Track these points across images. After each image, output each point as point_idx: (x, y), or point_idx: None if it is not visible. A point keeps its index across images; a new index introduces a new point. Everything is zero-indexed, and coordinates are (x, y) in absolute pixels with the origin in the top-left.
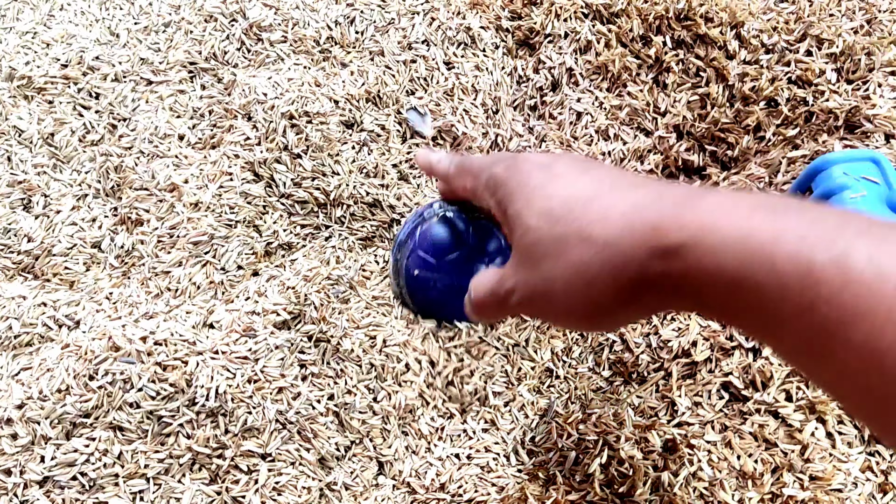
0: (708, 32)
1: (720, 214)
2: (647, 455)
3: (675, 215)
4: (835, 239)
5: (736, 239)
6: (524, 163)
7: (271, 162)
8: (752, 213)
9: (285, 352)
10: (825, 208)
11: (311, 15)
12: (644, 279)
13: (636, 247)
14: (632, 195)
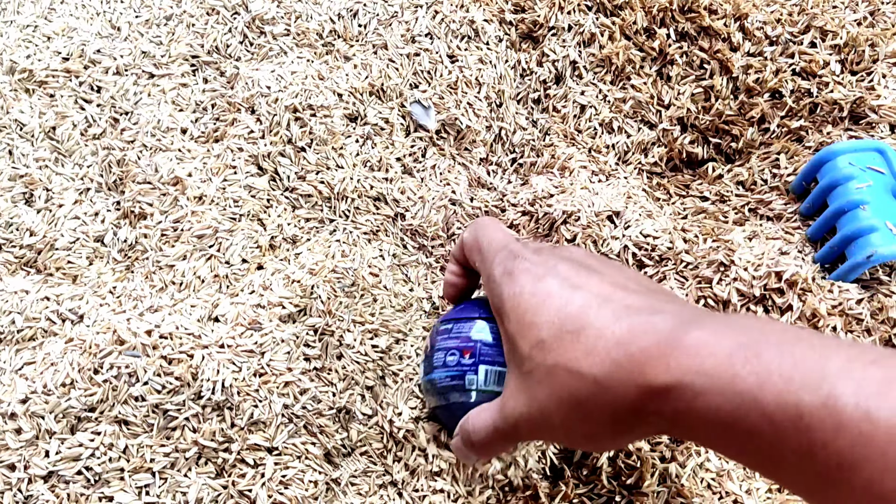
0: (712, 24)
1: (705, 355)
2: (655, 447)
3: (662, 355)
4: (819, 380)
5: (723, 384)
6: (521, 274)
7: (275, 155)
8: (734, 353)
9: (291, 345)
10: (805, 335)
11: (314, 8)
12: (637, 415)
13: (626, 386)
14: (619, 326)
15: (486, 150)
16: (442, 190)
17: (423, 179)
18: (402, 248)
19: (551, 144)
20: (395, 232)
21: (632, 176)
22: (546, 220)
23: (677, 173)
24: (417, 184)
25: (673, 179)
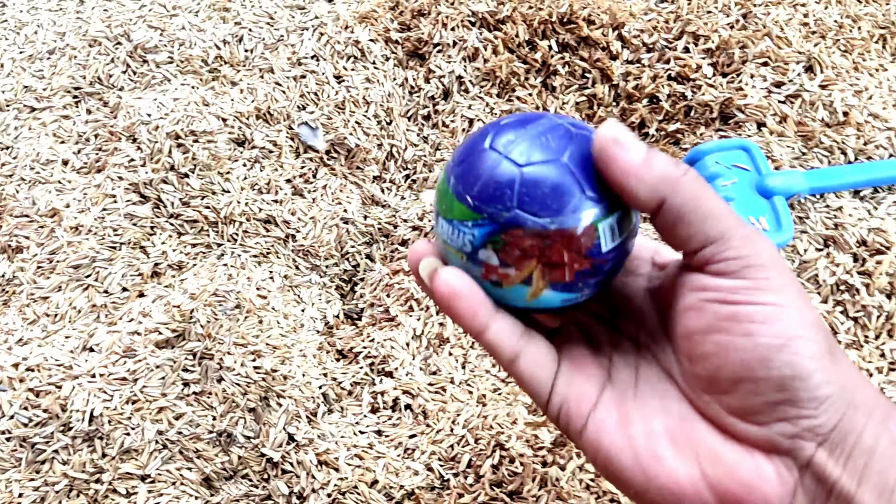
0: (591, 35)
1: None
2: (537, 452)
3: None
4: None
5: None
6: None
7: (157, 182)
8: None
9: (167, 371)
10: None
11: (199, 35)
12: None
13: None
14: None
15: (378, 168)
16: (333, 209)
17: (314, 200)
18: (295, 269)
19: (442, 159)
20: (286, 253)
21: None
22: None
23: None
24: (308, 204)
25: None
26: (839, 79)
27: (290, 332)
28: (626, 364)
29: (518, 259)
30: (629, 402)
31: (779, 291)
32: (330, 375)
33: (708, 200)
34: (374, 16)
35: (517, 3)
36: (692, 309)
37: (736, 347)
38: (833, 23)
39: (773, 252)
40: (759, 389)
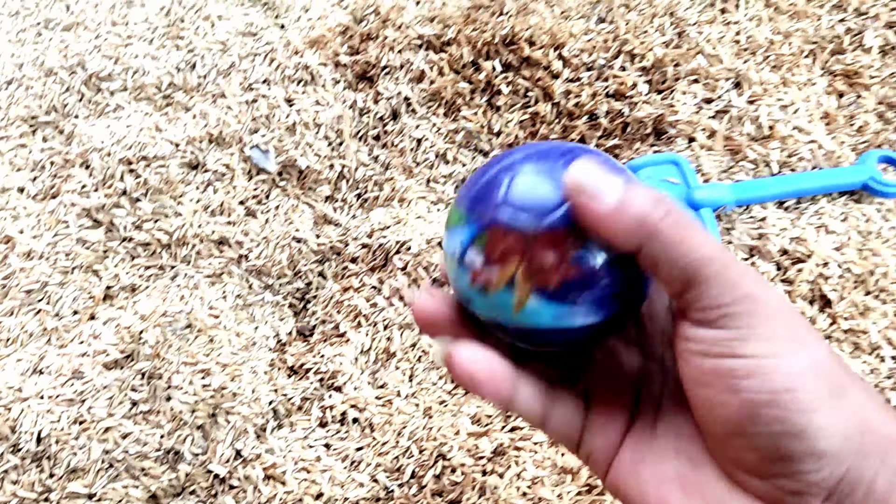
0: (532, 55)
1: None
2: (478, 461)
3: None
4: None
5: None
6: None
7: (110, 207)
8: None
9: (114, 391)
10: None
11: (152, 63)
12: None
13: None
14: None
15: (330, 188)
16: (286, 229)
17: (266, 220)
18: (248, 289)
19: (391, 178)
20: (239, 273)
21: None
22: (381, 251)
23: None
24: (261, 225)
25: None
26: (766, 94)
27: (241, 349)
28: (651, 397)
29: (501, 256)
30: (647, 443)
31: (763, 340)
32: (280, 391)
33: (688, 244)
34: (324, 40)
35: (461, 26)
36: (681, 357)
37: (721, 403)
38: (764, 39)
39: (759, 295)
40: (753, 445)
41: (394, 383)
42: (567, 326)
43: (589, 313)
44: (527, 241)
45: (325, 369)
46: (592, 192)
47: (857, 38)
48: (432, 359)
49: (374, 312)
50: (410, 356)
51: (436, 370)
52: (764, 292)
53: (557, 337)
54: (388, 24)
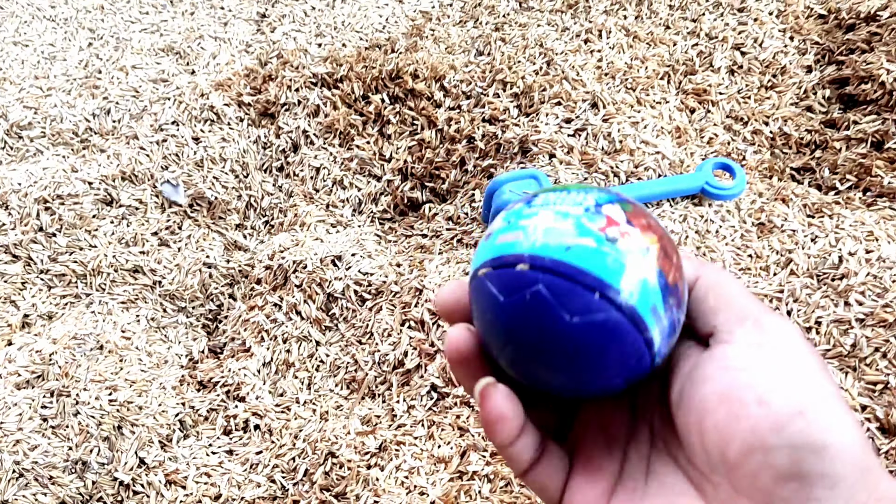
0: (416, 87)
1: None
2: (363, 456)
3: None
4: None
5: None
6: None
7: (27, 243)
8: None
9: (24, 408)
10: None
11: (69, 111)
12: None
13: None
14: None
15: (240, 217)
16: (197, 256)
17: (179, 249)
18: (162, 312)
19: (295, 205)
20: (153, 298)
21: (365, 224)
22: (280, 271)
23: (404, 217)
24: (174, 253)
25: (402, 223)
26: (619, 113)
27: (152, 367)
28: (640, 457)
29: (643, 227)
30: (637, 500)
31: (797, 363)
32: (188, 404)
33: (733, 283)
34: (229, 83)
35: (352, 64)
36: (709, 379)
37: (748, 415)
38: (623, 64)
39: (793, 329)
40: (770, 461)
41: (292, 391)
42: (647, 357)
43: (664, 335)
44: (664, 230)
45: (231, 382)
46: None
47: (708, 60)
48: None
49: (273, 327)
50: (308, 366)
51: (333, 378)
52: (793, 329)
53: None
54: (287, 66)
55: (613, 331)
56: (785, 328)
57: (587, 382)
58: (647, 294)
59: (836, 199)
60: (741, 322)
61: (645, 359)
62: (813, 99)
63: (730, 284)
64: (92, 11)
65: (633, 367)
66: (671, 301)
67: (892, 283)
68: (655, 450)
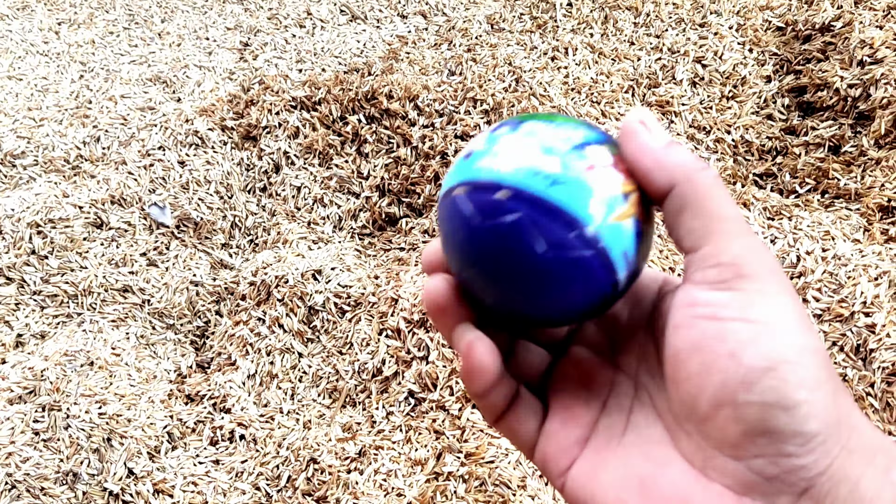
0: (390, 107)
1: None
2: (343, 461)
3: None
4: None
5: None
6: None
7: (20, 265)
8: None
9: (16, 422)
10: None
11: (61, 140)
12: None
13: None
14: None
15: (225, 237)
16: (184, 275)
17: (167, 269)
18: (151, 329)
19: (277, 223)
20: (142, 316)
21: (346, 240)
22: (263, 287)
23: (383, 231)
24: (161, 273)
25: (381, 237)
26: None
27: (141, 382)
28: (620, 408)
29: (626, 173)
30: (611, 450)
31: (774, 308)
32: (176, 417)
33: (718, 200)
34: (213, 109)
35: (330, 87)
36: (681, 327)
37: (719, 368)
38: (589, 79)
39: (775, 265)
40: (739, 416)
41: (276, 402)
42: (608, 291)
43: (630, 278)
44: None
45: (217, 394)
46: (652, 128)
47: (670, 73)
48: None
49: (258, 341)
50: (291, 377)
51: (315, 388)
52: (775, 265)
53: (596, 300)
54: (268, 91)
55: (583, 269)
56: (765, 270)
57: (543, 309)
58: (620, 239)
59: (796, 202)
60: (717, 256)
61: (608, 298)
62: (773, 107)
63: (710, 197)
64: (83, 46)
65: (594, 303)
66: (643, 249)
67: (847, 279)
68: (639, 402)
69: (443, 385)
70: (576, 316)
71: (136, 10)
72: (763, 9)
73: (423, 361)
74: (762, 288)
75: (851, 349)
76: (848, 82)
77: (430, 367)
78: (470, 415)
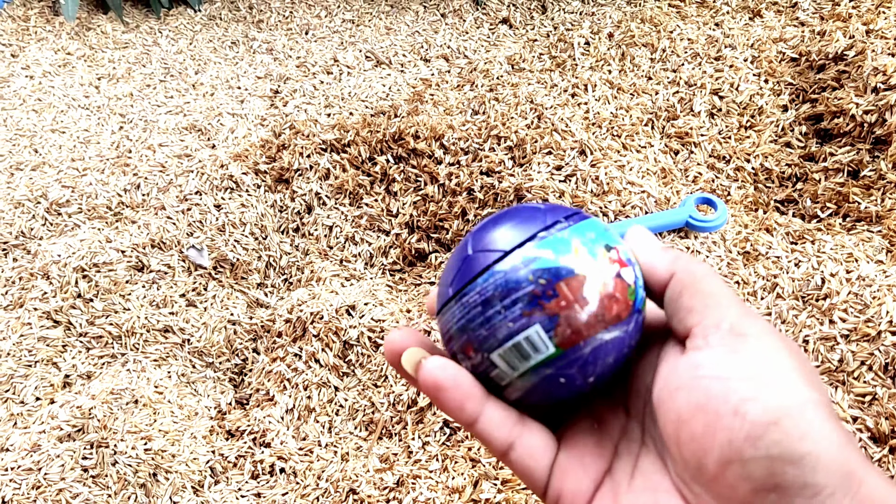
0: (417, 147)
1: None
2: (382, 491)
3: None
4: None
5: None
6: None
7: (67, 308)
8: None
9: (66, 459)
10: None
11: (103, 188)
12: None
13: None
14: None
15: (260, 276)
16: (222, 314)
17: (205, 309)
18: (192, 368)
19: (310, 262)
20: (183, 355)
21: (377, 276)
22: (299, 323)
23: (413, 267)
24: (200, 313)
25: (411, 273)
26: (606, 158)
27: (183, 419)
28: (629, 452)
29: None
30: (623, 496)
31: (773, 364)
32: (218, 452)
33: (710, 279)
34: (246, 154)
35: (358, 129)
36: (683, 389)
37: (723, 427)
38: (609, 114)
39: (769, 327)
40: (747, 473)
41: (314, 435)
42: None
43: None
44: None
45: (257, 429)
46: (652, 237)
47: (688, 105)
48: (407, 366)
49: (295, 376)
50: (328, 410)
51: (352, 420)
52: (771, 327)
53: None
54: (299, 135)
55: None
56: (762, 331)
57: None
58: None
59: (818, 226)
60: (717, 326)
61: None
62: (791, 135)
63: (705, 280)
64: (122, 98)
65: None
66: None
67: (873, 299)
68: (645, 448)
69: None
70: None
71: (171, 63)
72: (776, 41)
73: None
74: (760, 346)
75: (880, 368)
76: (863, 108)
77: None
78: None
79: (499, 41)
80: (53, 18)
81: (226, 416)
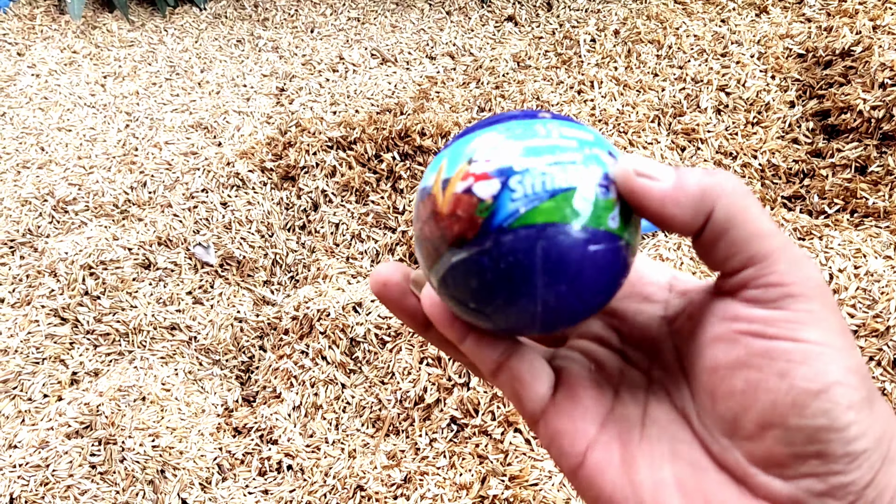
0: (423, 144)
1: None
2: (389, 487)
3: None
4: None
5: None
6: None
7: (74, 306)
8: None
9: (74, 456)
10: None
11: (109, 185)
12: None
13: None
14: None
15: (266, 274)
16: (228, 312)
17: (212, 306)
18: (198, 365)
19: (317, 259)
20: (189, 353)
21: None
22: (306, 320)
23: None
24: (207, 310)
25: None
26: None
27: (190, 416)
28: (634, 399)
29: None
30: (634, 443)
31: (822, 328)
32: (225, 449)
33: (754, 215)
34: (252, 151)
35: (364, 126)
36: (722, 340)
37: (768, 388)
38: (615, 111)
39: (821, 282)
40: (789, 439)
41: (321, 432)
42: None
43: None
44: None
45: (264, 426)
46: (652, 174)
47: (695, 102)
48: (415, 287)
49: (301, 373)
50: (335, 407)
51: (359, 417)
52: (821, 281)
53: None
54: (305, 133)
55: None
56: (814, 289)
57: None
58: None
59: (826, 222)
60: (762, 270)
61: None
62: (798, 131)
63: (752, 216)
64: (128, 97)
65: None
66: None
67: (881, 294)
68: (654, 397)
69: (484, 410)
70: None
71: (177, 61)
72: (783, 37)
73: (465, 388)
74: (810, 308)
75: (889, 363)
76: (871, 104)
77: (472, 394)
78: (513, 438)
79: (504, 38)
80: (59, 17)
81: (233, 414)
